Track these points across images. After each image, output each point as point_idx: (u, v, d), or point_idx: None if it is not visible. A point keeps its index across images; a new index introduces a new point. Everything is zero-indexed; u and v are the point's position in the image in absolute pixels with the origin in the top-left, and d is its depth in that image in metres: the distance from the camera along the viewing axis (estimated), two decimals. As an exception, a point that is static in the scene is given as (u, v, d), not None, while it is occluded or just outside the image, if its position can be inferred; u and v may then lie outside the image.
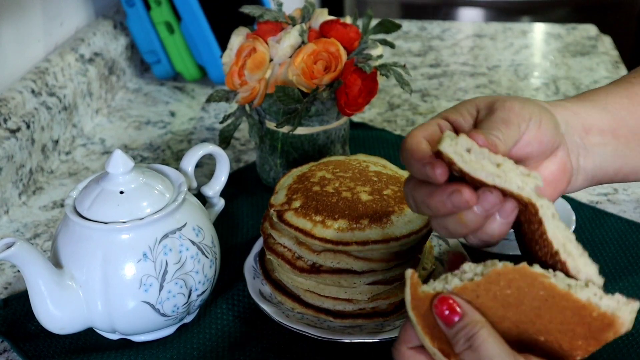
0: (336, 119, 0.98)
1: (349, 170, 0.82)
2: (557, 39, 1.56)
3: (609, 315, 0.54)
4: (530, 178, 0.55)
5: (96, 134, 1.22)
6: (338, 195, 0.78)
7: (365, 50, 0.94)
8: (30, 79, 1.10)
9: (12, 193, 1.01)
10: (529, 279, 0.54)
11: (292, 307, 0.79)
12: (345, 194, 0.78)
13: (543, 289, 0.54)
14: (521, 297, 0.54)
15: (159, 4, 1.29)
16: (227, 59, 0.96)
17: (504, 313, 0.54)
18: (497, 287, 0.54)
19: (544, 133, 0.61)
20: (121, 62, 1.35)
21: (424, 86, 1.36)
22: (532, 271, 0.54)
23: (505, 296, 0.54)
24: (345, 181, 0.80)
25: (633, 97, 0.68)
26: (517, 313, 0.54)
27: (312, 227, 0.75)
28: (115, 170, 0.74)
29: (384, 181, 0.80)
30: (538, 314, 0.54)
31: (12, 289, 0.87)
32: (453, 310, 0.54)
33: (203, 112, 1.28)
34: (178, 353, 0.77)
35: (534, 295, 0.54)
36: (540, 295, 0.54)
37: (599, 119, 0.66)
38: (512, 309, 0.54)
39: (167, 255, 0.73)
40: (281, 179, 0.84)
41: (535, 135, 0.61)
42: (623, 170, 0.67)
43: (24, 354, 0.77)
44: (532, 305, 0.54)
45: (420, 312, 0.55)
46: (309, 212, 0.76)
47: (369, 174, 0.82)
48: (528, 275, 0.54)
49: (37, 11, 1.16)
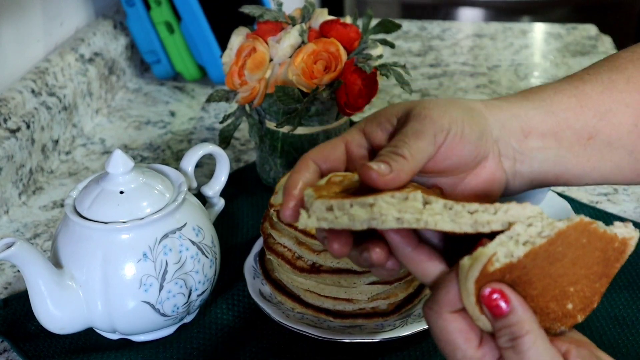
0: (336, 119, 0.98)
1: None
2: (557, 39, 1.57)
3: (625, 241, 0.53)
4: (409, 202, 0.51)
5: (96, 134, 1.22)
6: (338, 195, 0.78)
7: (365, 50, 0.94)
8: (30, 79, 1.10)
9: (12, 193, 1.01)
10: (579, 230, 0.52)
11: (292, 307, 0.79)
12: (345, 194, 0.78)
13: (587, 236, 0.52)
14: (566, 250, 0.52)
15: (159, 4, 1.29)
16: (227, 59, 0.96)
17: (549, 270, 0.52)
18: (554, 247, 0.52)
19: (464, 147, 0.57)
20: (121, 62, 1.35)
21: (424, 86, 1.36)
22: (585, 222, 0.52)
23: (556, 253, 0.52)
24: (345, 181, 0.80)
25: (581, 97, 0.62)
26: (559, 267, 0.52)
27: (312, 227, 0.75)
28: (115, 170, 0.74)
29: (384, 181, 0.80)
30: (575, 263, 0.52)
31: (12, 289, 0.88)
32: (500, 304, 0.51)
33: (203, 112, 1.28)
34: (178, 353, 0.77)
35: (578, 245, 0.52)
36: (582, 243, 0.52)
37: (540, 121, 0.61)
38: (556, 264, 0.52)
39: (167, 255, 0.73)
40: (281, 179, 0.84)
41: (454, 149, 0.56)
42: (564, 177, 0.62)
43: (24, 354, 0.77)
44: (574, 255, 0.52)
45: (480, 285, 0.51)
46: (309, 212, 0.76)
47: (369, 174, 0.81)
48: (581, 227, 0.52)
49: (37, 11, 1.16)
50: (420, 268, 0.54)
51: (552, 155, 0.61)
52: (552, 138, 0.61)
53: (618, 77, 0.64)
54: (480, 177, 0.59)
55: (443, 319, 0.52)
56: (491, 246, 0.51)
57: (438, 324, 0.52)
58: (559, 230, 0.51)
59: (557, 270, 0.52)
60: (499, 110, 0.61)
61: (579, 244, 0.52)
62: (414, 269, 0.55)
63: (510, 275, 0.51)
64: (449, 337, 0.52)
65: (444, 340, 0.52)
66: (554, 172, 0.62)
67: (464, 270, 0.51)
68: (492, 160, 0.59)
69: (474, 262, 0.51)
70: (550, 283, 0.52)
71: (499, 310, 0.51)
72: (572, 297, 0.53)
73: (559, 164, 0.62)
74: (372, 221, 0.51)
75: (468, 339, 0.52)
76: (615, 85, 0.63)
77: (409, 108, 0.58)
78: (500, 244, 0.51)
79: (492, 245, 0.51)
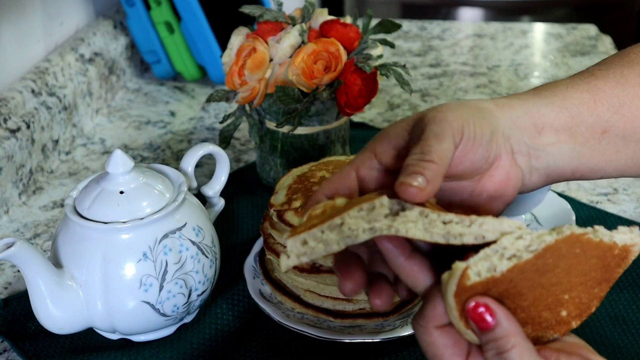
0: (336, 119, 0.98)
1: (349, 170, 0.82)
2: (557, 38, 1.57)
3: (626, 248, 0.53)
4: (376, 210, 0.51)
5: (96, 134, 1.22)
6: (338, 195, 0.78)
7: (365, 50, 0.94)
8: (30, 79, 1.10)
9: (12, 193, 1.01)
10: (570, 242, 0.51)
11: (292, 307, 0.79)
12: (345, 194, 0.78)
13: (580, 246, 0.52)
14: (557, 261, 0.52)
15: (159, 4, 1.29)
16: (227, 59, 0.96)
17: (539, 280, 0.52)
18: (543, 260, 0.51)
19: (477, 149, 0.57)
20: (121, 62, 1.35)
21: (424, 86, 1.36)
22: (576, 234, 0.51)
23: (546, 265, 0.52)
24: (345, 181, 0.80)
25: (594, 91, 0.63)
26: (551, 277, 0.52)
27: (312, 227, 0.75)
28: (115, 170, 0.74)
29: (384, 181, 0.80)
30: (568, 272, 0.52)
31: (12, 289, 0.88)
32: (486, 318, 0.51)
33: (203, 112, 1.28)
34: (178, 353, 0.77)
35: (570, 255, 0.52)
36: (575, 254, 0.52)
37: (554, 117, 0.61)
38: (547, 275, 0.52)
39: (167, 255, 0.73)
40: (281, 179, 0.84)
41: (468, 152, 0.57)
42: (580, 171, 0.63)
43: (24, 354, 0.77)
44: (567, 265, 0.52)
45: (462, 299, 0.51)
46: (309, 212, 0.76)
47: (369, 174, 0.82)
48: (572, 239, 0.51)
49: (37, 11, 1.16)
50: (411, 279, 0.54)
51: (567, 150, 0.62)
52: (566, 133, 0.61)
53: (630, 72, 0.64)
54: (495, 178, 0.60)
55: (429, 334, 0.52)
56: (472, 260, 0.51)
57: (425, 338, 0.53)
58: (547, 245, 0.51)
59: (548, 280, 0.52)
60: (510, 108, 0.61)
61: (572, 254, 0.52)
62: (405, 279, 0.55)
63: (496, 289, 0.51)
64: (436, 351, 0.52)
65: (431, 355, 0.53)
66: (570, 167, 0.62)
67: (444, 284, 0.51)
68: (505, 159, 0.60)
69: (450, 276, 0.51)
70: (543, 293, 0.52)
71: (484, 324, 0.51)
72: (566, 305, 0.53)
73: (574, 158, 0.62)
74: (346, 239, 0.51)
75: (455, 354, 0.52)
76: (627, 79, 0.64)
77: (419, 117, 0.58)
78: (485, 257, 0.51)
79: (473, 259, 0.51)
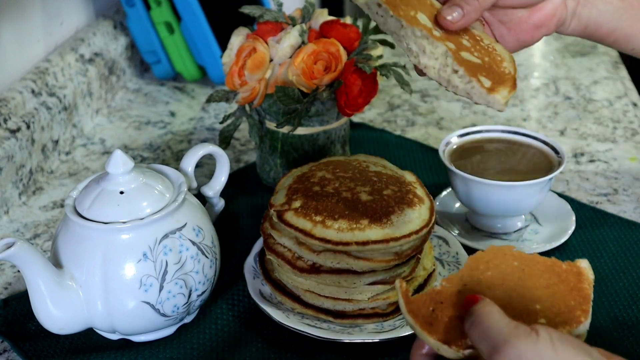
0: (336, 119, 0.98)
1: (349, 170, 0.82)
2: (557, 39, 1.56)
3: (574, 264, 0.58)
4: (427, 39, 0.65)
5: (96, 134, 1.22)
6: (338, 195, 0.78)
7: (365, 51, 0.94)
8: (30, 79, 1.10)
9: (12, 193, 1.01)
10: (501, 255, 0.58)
11: (292, 307, 0.79)
12: (345, 194, 0.78)
13: (514, 259, 0.58)
14: (501, 275, 0.57)
15: (159, 4, 1.29)
16: (227, 59, 0.96)
17: (493, 294, 0.57)
18: (478, 272, 0.57)
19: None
20: (121, 62, 1.35)
21: (424, 86, 1.36)
22: (499, 247, 0.58)
23: (489, 278, 0.57)
24: (345, 181, 0.80)
25: None
26: (505, 290, 0.57)
27: (312, 227, 0.75)
28: (115, 170, 0.74)
29: (384, 181, 0.80)
30: (523, 285, 0.57)
31: (12, 289, 0.88)
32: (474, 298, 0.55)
33: (203, 112, 1.28)
34: (178, 353, 0.77)
35: (511, 268, 0.57)
36: (515, 267, 0.57)
37: None
38: (498, 288, 0.57)
39: (167, 255, 0.73)
40: (281, 179, 0.84)
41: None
42: (615, 34, 0.67)
43: (24, 354, 0.77)
44: (514, 279, 0.57)
45: (416, 313, 0.57)
46: (309, 213, 0.76)
47: (369, 174, 0.82)
48: (498, 252, 0.58)
49: (37, 11, 1.16)
50: None
51: (611, 9, 0.66)
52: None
53: None
54: (544, 10, 0.66)
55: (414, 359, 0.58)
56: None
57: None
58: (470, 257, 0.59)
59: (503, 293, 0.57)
60: None
61: (513, 267, 0.58)
62: None
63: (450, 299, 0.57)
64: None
65: None
66: (608, 27, 0.67)
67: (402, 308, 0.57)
68: None
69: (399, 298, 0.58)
70: (508, 304, 0.56)
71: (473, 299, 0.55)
72: (541, 313, 0.57)
73: (614, 19, 0.67)
74: None
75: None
76: None
77: None
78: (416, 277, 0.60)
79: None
